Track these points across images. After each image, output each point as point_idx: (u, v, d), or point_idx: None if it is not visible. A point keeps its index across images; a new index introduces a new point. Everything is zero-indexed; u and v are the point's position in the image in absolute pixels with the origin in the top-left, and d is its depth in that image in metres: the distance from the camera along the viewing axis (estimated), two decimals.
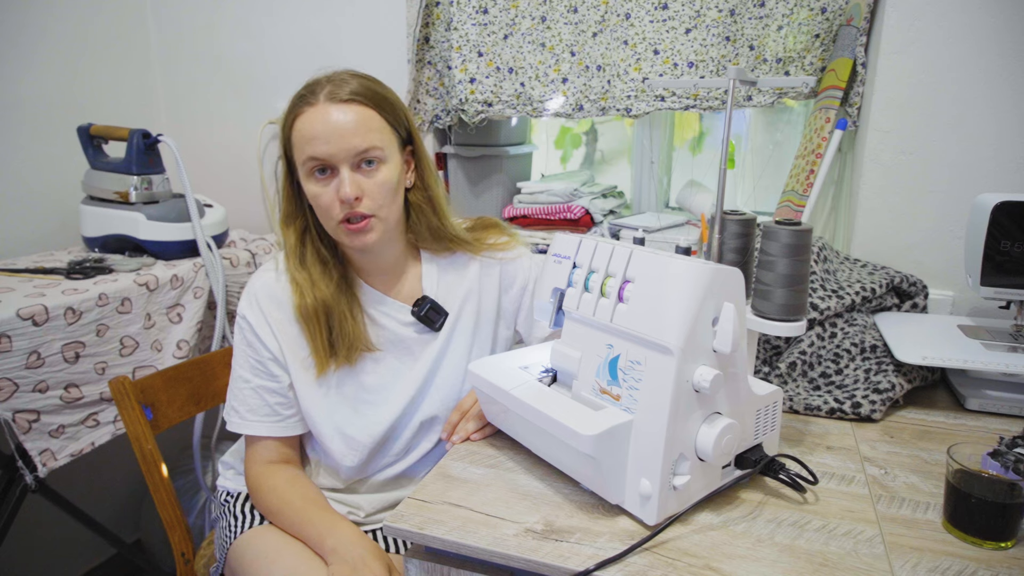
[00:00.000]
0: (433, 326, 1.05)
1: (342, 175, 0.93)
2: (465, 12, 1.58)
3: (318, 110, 0.92)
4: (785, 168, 1.50)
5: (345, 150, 0.92)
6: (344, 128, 0.92)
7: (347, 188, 0.92)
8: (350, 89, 0.94)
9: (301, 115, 0.93)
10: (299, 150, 0.94)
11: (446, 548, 0.73)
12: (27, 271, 1.33)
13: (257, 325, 0.99)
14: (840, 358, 1.08)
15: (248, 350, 1.01)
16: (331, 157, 0.92)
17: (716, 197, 0.88)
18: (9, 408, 1.11)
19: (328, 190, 0.94)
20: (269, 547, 0.96)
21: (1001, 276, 1.04)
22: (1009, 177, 1.22)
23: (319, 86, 0.95)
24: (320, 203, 0.95)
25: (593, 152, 1.96)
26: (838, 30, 1.36)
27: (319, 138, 0.92)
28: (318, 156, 0.92)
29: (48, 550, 1.68)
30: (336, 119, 0.92)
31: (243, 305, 1.01)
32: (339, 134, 0.92)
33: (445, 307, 1.06)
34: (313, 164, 0.93)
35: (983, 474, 0.72)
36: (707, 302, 0.72)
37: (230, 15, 1.79)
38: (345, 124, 0.92)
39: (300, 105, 0.94)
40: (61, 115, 1.62)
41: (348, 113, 0.93)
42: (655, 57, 1.47)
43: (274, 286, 1.01)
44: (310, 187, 0.95)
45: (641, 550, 0.70)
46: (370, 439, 1.01)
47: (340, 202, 0.93)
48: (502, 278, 1.12)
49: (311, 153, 0.92)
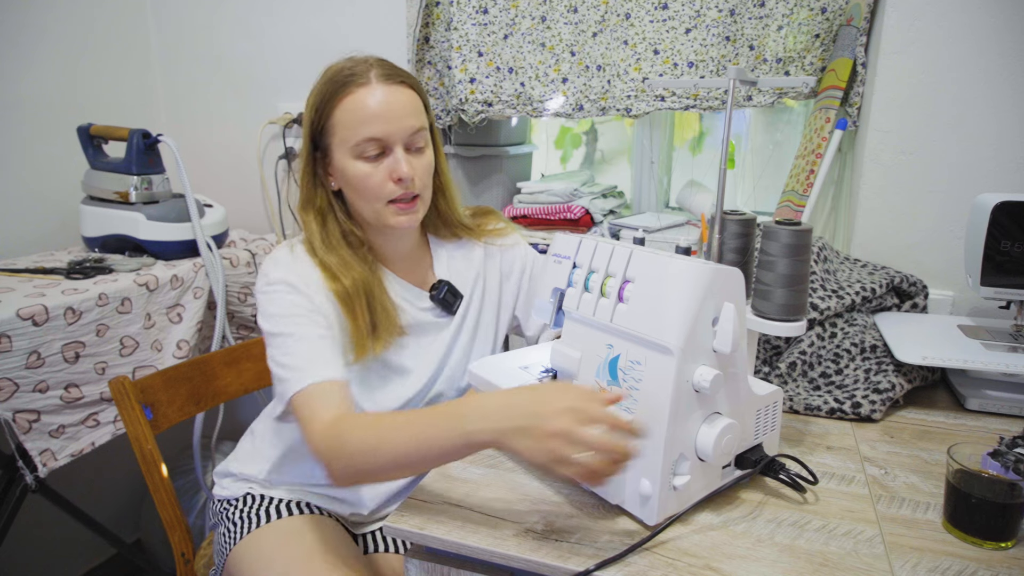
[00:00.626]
0: (450, 309, 1.06)
1: (397, 154, 0.93)
2: (465, 12, 1.58)
3: (372, 89, 0.92)
4: (785, 168, 1.50)
5: (402, 129, 0.93)
6: (401, 108, 0.93)
7: (405, 167, 0.93)
8: (397, 71, 0.95)
9: (350, 95, 0.92)
10: (348, 130, 0.92)
11: (446, 548, 0.73)
12: (27, 271, 1.33)
13: (299, 284, 0.92)
14: (840, 358, 1.08)
15: (297, 307, 0.91)
16: (389, 136, 0.92)
17: (716, 197, 0.88)
18: (9, 408, 1.11)
19: (379, 170, 0.93)
20: (266, 552, 0.95)
21: (1001, 276, 1.04)
22: (1009, 177, 1.22)
23: (364, 67, 0.93)
24: (369, 183, 0.93)
25: (593, 152, 1.96)
26: (838, 30, 1.36)
27: (379, 117, 0.91)
28: (375, 135, 0.91)
29: (48, 550, 1.68)
30: (393, 98, 0.92)
31: (272, 274, 0.93)
32: (396, 114, 0.92)
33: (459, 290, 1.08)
34: (368, 144, 0.92)
35: (983, 474, 0.72)
36: (707, 302, 0.72)
37: (230, 15, 1.79)
38: (402, 104, 0.93)
39: (347, 85, 0.92)
40: (61, 115, 1.62)
41: (402, 94, 0.94)
42: (655, 57, 1.47)
43: (298, 265, 0.95)
44: (357, 168, 0.93)
45: (641, 550, 0.70)
46: None
47: (396, 181, 0.93)
48: (502, 265, 1.15)
49: (369, 134, 0.91)
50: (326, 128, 0.95)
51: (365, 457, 0.76)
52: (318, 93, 0.95)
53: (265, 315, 0.93)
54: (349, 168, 0.94)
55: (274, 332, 0.91)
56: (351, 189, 0.96)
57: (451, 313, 1.07)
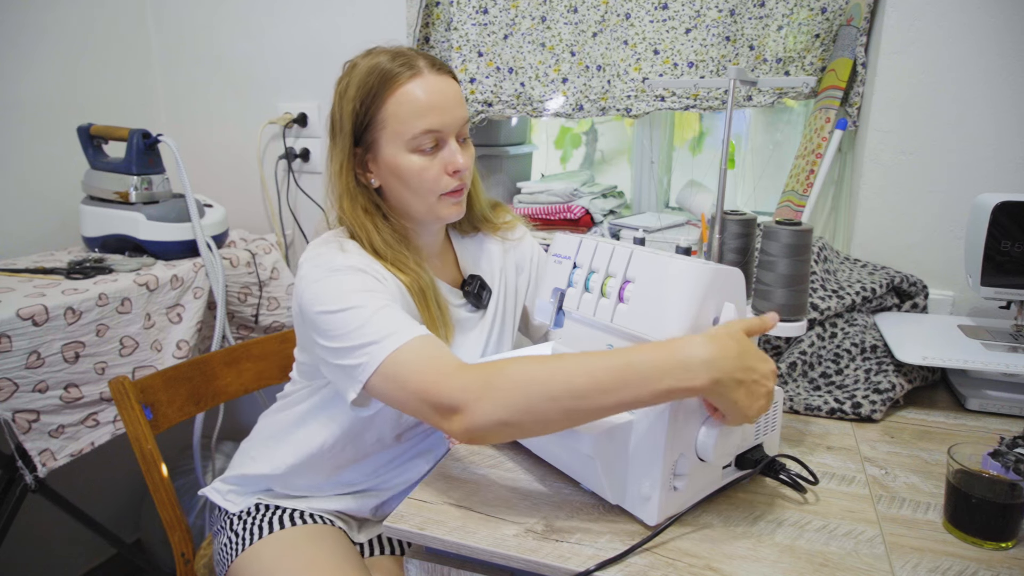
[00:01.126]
0: (480, 303, 1.05)
1: (452, 146, 0.91)
2: (465, 12, 1.58)
3: (427, 80, 0.88)
4: (785, 168, 1.50)
5: (456, 120, 0.91)
6: (454, 99, 0.91)
7: (461, 158, 0.91)
8: (441, 61, 0.93)
9: (403, 86, 0.87)
10: (403, 123, 0.88)
11: (446, 548, 0.73)
12: (27, 271, 1.33)
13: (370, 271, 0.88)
14: (840, 358, 1.08)
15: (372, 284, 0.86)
16: (445, 127, 0.90)
17: (716, 197, 0.88)
18: (9, 408, 1.11)
19: (435, 163, 0.90)
20: (268, 564, 0.95)
21: (1001, 276, 1.04)
22: (1009, 177, 1.22)
23: (411, 58, 0.90)
24: (426, 176, 0.90)
25: (593, 152, 1.96)
26: (838, 30, 1.36)
27: (436, 108, 0.88)
28: (434, 127, 0.88)
29: (48, 550, 1.68)
30: (446, 89, 0.90)
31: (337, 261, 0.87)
32: (451, 105, 0.90)
33: None
34: (426, 137, 0.89)
35: (983, 474, 0.72)
36: (707, 302, 0.72)
37: (230, 15, 1.79)
38: (454, 95, 0.91)
39: (399, 77, 0.88)
40: (61, 115, 1.62)
41: (451, 84, 0.92)
42: (655, 57, 1.47)
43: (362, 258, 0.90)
44: (412, 161, 0.90)
45: (642, 550, 0.70)
46: None
47: (451, 174, 0.91)
48: (518, 259, 1.14)
49: (427, 126, 0.88)
50: (374, 122, 0.90)
51: (529, 395, 0.69)
52: (360, 86, 0.89)
53: (327, 297, 0.83)
54: (403, 162, 0.90)
55: (340, 308, 0.82)
56: (402, 184, 0.92)
57: (482, 307, 1.06)
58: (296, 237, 1.86)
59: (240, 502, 1.05)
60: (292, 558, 0.95)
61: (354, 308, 0.81)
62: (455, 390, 0.72)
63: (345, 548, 0.99)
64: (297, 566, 0.93)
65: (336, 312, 0.82)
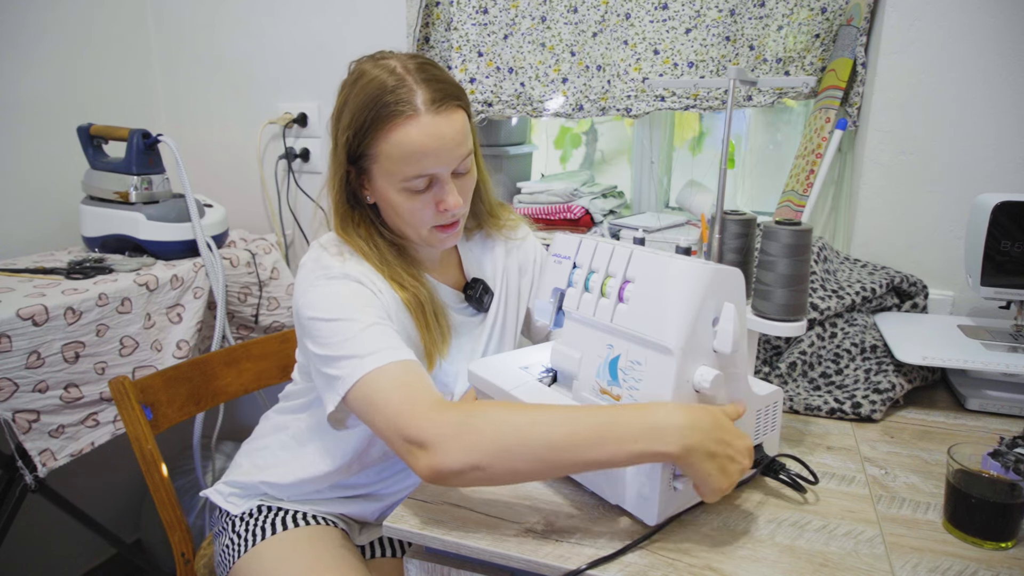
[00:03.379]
0: (482, 306, 1.05)
1: (446, 186, 0.88)
2: (465, 12, 1.58)
3: (423, 123, 0.84)
4: (785, 168, 1.50)
5: (454, 159, 0.87)
6: (452, 140, 0.86)
7: (453, 198, 0.88)
8: (444, 91, 0.86)
9: (398, 128, 0.84)
10: (395, 165, 0.85)
11: (446, 548, 0.73)
12: (27, 271, 1.33)
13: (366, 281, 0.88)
14: (840, 358, 1.08)
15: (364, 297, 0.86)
16: (440, 170, 0.87)
17: (716, 197, 0.88)
18: (9, 408, 1.11)
19: (426, 199, 0.88)
20: (269, 566, 0.95)
21: (1001, 276, 1.04)
22: (1009, 177, 1.22)
23: (409, 92, 0.84)
24: (416, 213, 0.89)
25: (593, 152, 1.96)
26: (838, 30, 1.36)
27: (430, 155, 0.85)
28: (427, 172, 0.86)
29: (48, 550, 1.68)
30: (444, 132, 0.85)
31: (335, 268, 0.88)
32: (448, 145, 0.86)
33: None
34: (420, 180, 0.86)
35: (983, 474, 0.72)
36: (707, 302, 0.72)
37: (230, 15, 1.79)
38: (453, 136, 0.86)
39: (394, 117, 0.83)
40: (61, 115, 1.62)
41: (453, 122, 0.86)
42: (655, 57, 1.47)
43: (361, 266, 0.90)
44: (403, 200, 0.88)
45: (642, 550, 0.70)
46: None
47: (443, 211, 0.89)
48: (521, 260, 1.13)
49: (419, 171, 0.85)
50: (368, 155, 0.88)
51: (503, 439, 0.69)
52: (357, 112, 0.86)
53: (320, 305, 0.84)
54: (393, 198, 0.89)
55: (331, 318, 0.82)
56: (393, 213, 0.91)
57: (483, 311, 1.05)
58: (296, 237, 1.86)
59: (242, 504, 1.05)
60: (294, 560, 0.95)
61: (344, 320, 0.82)
62: (427, 425, 0.71)
63: (347, 550, 0.99)
64: (299, 568, 0.93)
65: (327, 321, 0.82)
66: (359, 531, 1.08)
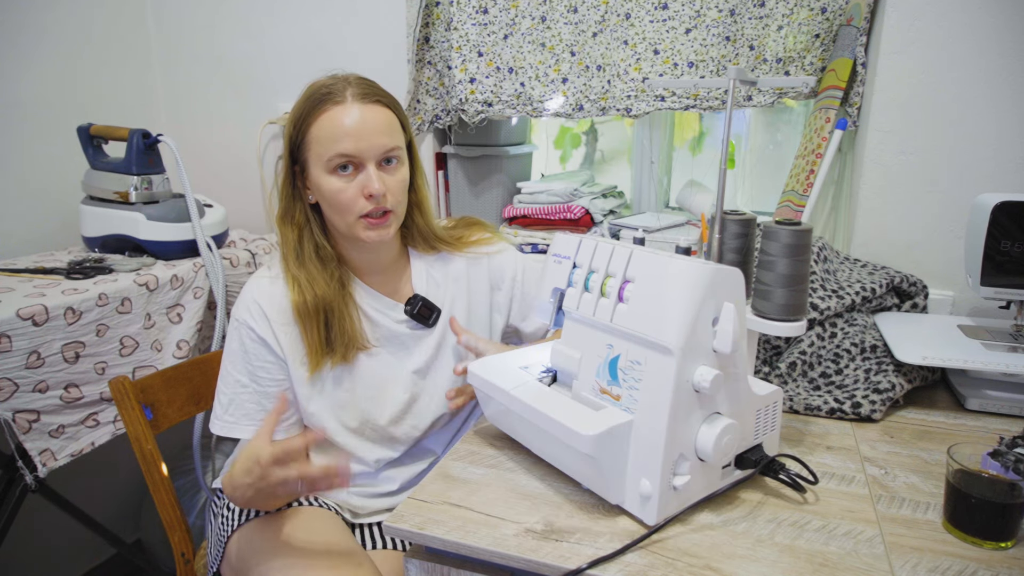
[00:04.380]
0: (426, 322, 1.08)
1: (369, 171, 0.96)
2: (465, 12, 1.58)
3: (347, 108, 0.95)
4: (785, 168, 1.50)
5: (375, 147, 0.96)
6: (374, 127, 0.96)
7: (376, 184, 0.95)
8: (375, 91, 0.98)
9: (326, 112, 0.95)
10: (322, 146, 0.95)
11: (446, 548, 0.73)
12: (27, 271, 1.33)
13: (259, 328, 0.99)
14: (840, 358, 1.08)
15: (247, 355, 1.00)
16: (360, 153, 0.95)
17: (716, 197, 0.88)
18: (9, 408, 1.11)
19: (351, 186, 0.96)
20: (268, 539, 0.96)
21: (1001, 276, 1.04)
22: (1009, 177, 1.22)
23: (342, 86, 0.96)
24: (341, 199, 0.96)
25: (593, 152, 1.96)
26: (838, 30, 1.36)
27: (350, 135, 0.94)
28: (347, 152, 0.94)
29: (48, 550, 1.68)
30: (366, 117, 0.95)
31: (240, 311, 1.00)
32: (369, 132, 0.95)
33: (436, 303, 1.09)
34: (340, 160, 0.95)
35: (983, 474, 0.72)
36: (707, 302, 0.72)
37: (230, 15, 1.79)
38: (375, 123, 0.96)
39: (323, 103, 0.95)
40: (61, 115, 1.62)
41: (377, 113, 0.97)
42: (655, 57, 1.47)
43: (271, 289, 1.01)
44: (331, 183, 0.96)
45: (642, 550, 0.70)
46: (373, 432, 1.04)
47: (367, 197, 0.96)
48: (491, 274, 1.16)
49: (340, 150, 0.94)
50: (303, 143, 0.97)
51: None
52: (297, 109, 0.98)
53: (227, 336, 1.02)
54: (323, 183, 0.96)
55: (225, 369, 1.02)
56: (326, 203, 0.99)
57: (428, 326, 1.09)
58: None
59: None
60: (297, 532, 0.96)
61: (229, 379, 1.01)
62: None
63: (343, 528, 1.01)
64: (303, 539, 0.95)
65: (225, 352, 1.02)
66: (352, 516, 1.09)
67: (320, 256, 1.02)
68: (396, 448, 1.08)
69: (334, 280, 1.01)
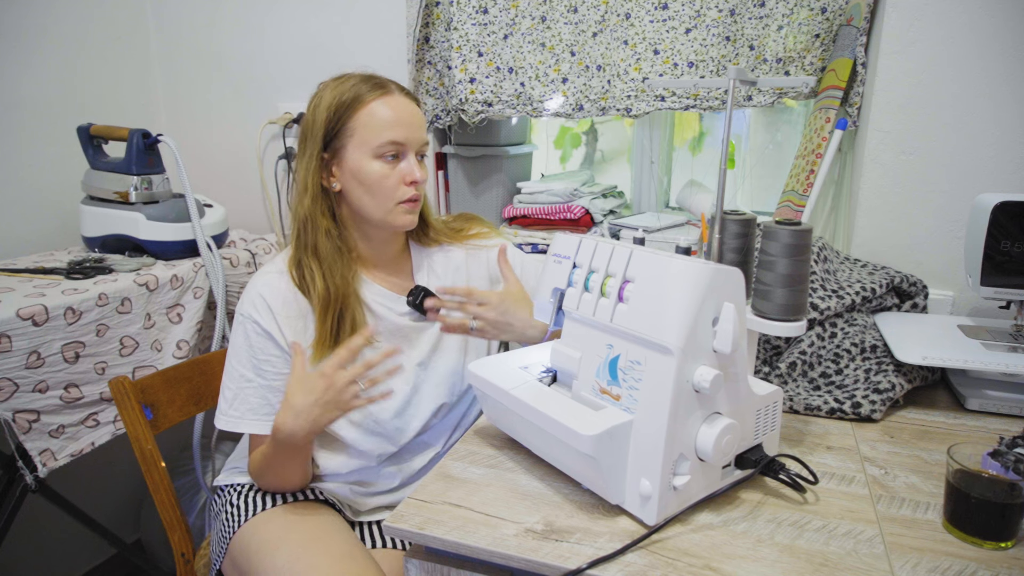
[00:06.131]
0: (427, 314, 1.08)
1: (411, 160, 1.02)
2: (465, 12, 1.58)
3: (396, 99, 1.01)
4: (785, 168, 1.50)
5: (418, 139, 1.03)
6: (417, 120, 1.04)
7: (419, 172, 1.02)
8: (409, 91, 1.06)
9: (375, 100, 1.00)
10: (371, 132, 0.99)
11: (446, 548, 0.73)
12: (27, 271, 1.33)
13: (264, 322, 0.99)
14: (840, 358, 1.08)
15: (252, 349, 1.00)
16: (408, 142, 1.01)
17: (716, 197, 0.88)
18: (9, 408, 1.11)
19: (395, 173, 1.01)
20: (272, 536, 0.96)
21: (1001, 276, 1.04)
22: (1009, 177, 1.22)
23: (385, 81, 1.03)
24: (386, 184, 1.00)
25: (593, 152, 1.96)
26: (838, 30, 1.36)
27: (401, 124, 1.00)
28: (398, 140, 1.00)
29: (48, 550, 1.68)
30: (412, 110, 1.03)
31: (245, 306, 1.01)
32: (414, 124, 1.02)
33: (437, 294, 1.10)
34: (391, 148, 1.00)
35: (983, 474, 0.72)
36: (707, 302, 0.72)
37: (230, 14, 1.79)
38: (419, 117, 1.04)
39: (372, 92, 1.00)
40: (61, 115, 1.62)
41: (416, 109, 1.05)
42: (655, 57, 1.47)
43: (277, 283, 1.02)
44: (375, 168, 1.00)
45: (642, 550, 0.70)
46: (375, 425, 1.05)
47: (408, 183, 1.02)
48: (491, 268, 1.19)
49: (392, 137, 0.99)
50: (343, 129, 1.00)
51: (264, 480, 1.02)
52: (337, 97, 1.00)
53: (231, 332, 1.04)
54: (366, 167, 1.00)
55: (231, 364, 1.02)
56: (363, 188, 1.01)
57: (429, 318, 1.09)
58: None
59: (242, 477, 1.08)
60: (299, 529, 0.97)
61: (234, 374, 1.01)
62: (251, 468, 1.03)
63: (343, 525, 1.02)
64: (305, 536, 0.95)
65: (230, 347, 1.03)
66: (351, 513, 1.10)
67: (337, 248, 1.04)
68: (397, 441, 1.08)
69: (350, 272, 1.04)
